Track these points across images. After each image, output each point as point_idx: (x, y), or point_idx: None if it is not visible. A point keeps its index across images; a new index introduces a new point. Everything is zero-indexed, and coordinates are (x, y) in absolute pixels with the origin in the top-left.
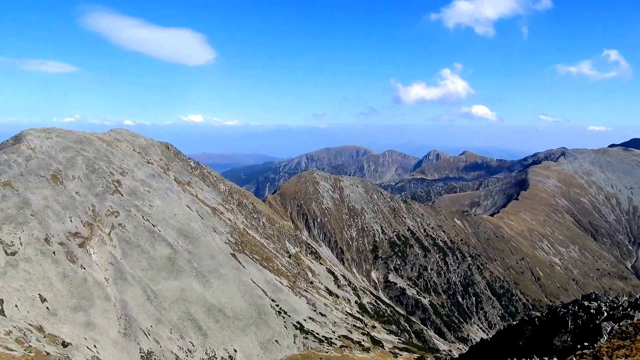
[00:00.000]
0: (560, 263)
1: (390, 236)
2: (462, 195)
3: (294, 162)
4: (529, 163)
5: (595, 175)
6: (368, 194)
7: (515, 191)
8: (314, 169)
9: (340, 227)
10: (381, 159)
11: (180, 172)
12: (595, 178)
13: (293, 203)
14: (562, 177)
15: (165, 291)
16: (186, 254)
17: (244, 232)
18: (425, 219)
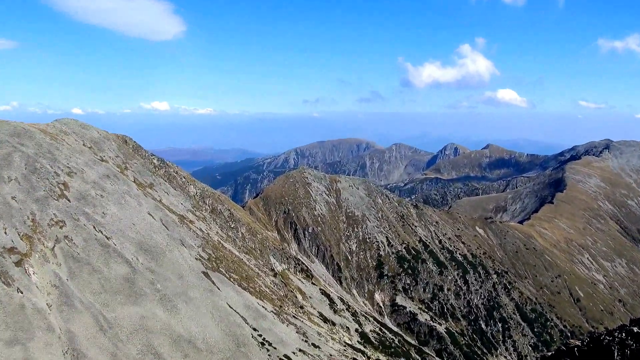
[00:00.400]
0: (604, 280)
1: (398, 249)
2: (485, 198)
3: (280, 159)
4: (566, 159)
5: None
6: (371, 197)
7: (550, 193)
8: (305, 167)
9: (337, 239)
10: (387, 155)
11: (141, 171)
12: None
13: (279, 209)
14: (606, 176)
15: (122, 319)
16: (148, 274)
17: (219, 246)
18: (440, 228)
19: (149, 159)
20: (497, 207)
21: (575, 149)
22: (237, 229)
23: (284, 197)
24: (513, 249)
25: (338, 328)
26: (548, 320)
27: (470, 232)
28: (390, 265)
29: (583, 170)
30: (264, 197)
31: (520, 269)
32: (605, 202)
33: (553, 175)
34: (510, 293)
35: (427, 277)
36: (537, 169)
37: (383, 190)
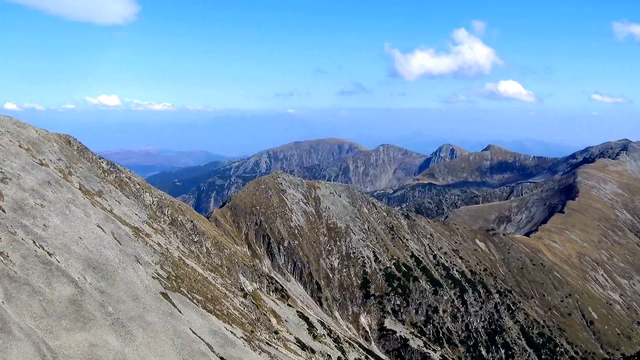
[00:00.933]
0: (621, 300)
1: (387, 265)
2: (486, 207)
3: (250, 162)
4: (579, 161)
5: None
6: (355, 206)
7: (560, 201)
8: (279, 171)
9: (317, 254)
10: (373, 157)
11: (87, 177)
12: None
13: (250, 220)
14: (625, 181)
15: (68, 348)
16: (97, 295)
17: (180, 263)
18: (435, 241)
19: (97, 162)
20: (499, 217)
21: (589, 151)
22: (201, 243)
23: (255, 206)
24: (518, 264)
25: (318, 356)
26: (557, 345)
27: (469, 246)
28: (377, 283)
29: (598, 175)
30: (232, 207)
31: (526, 287)
32: (623, 212)
33: (563, 181)
34: (515, 315)
35: (419, 297)
36: (546, 173)
37: (369, 198)
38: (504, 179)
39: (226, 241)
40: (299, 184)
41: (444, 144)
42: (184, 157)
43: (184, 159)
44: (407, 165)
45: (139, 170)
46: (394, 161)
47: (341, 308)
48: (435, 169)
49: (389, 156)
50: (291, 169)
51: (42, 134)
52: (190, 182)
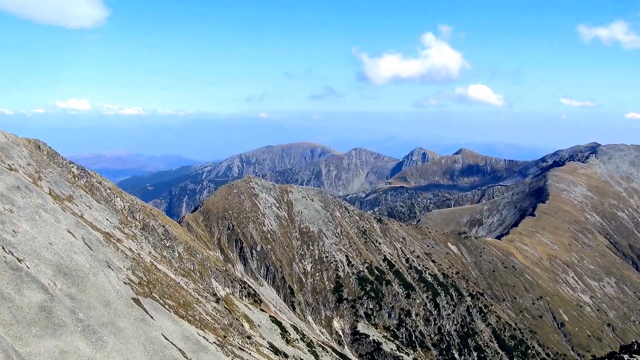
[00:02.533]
0: (591, 302)
1: (360, 269)
2: (458, 210)
3: (222, 166)
4: (549, 165)
5: (638, 181)
6: (328, 210)
7: (531, 204)
8: (252, 175)
9: (290, 258)
10: (346, 161)
11: (57, 182)
12: (638, 184)
13: (222, 225)
14: (594, 184)
15: (39, 355)
16: (68, 301)
17: (152, 268)
18: (407, 245)
19: (67, 167)
20: (471, 221)
21: (559, 154)
22: (173, 248)
23: (227, 210)
24: (490, 267)
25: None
26: (529, 347)
27: (441, 249)
28: (350, 287)
29: (567, 178)
30: (204, 211)
31: (498, 290)
32: (593, 214)
33: (534, 184)
34: (487, 318)
35: (392, 300)
36: (516, 176)
37: (342, 202)
38: (476, 182)
39: (198, 246)
40: (271, 188)
41: (415, 148)
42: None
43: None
44: (380, 169)
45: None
46: (367, 165)
47: (314, 312)
48: (407, 173)
49: (362, 160)
50: (263, 173)
51: (11, 138)
52: (161, 187)
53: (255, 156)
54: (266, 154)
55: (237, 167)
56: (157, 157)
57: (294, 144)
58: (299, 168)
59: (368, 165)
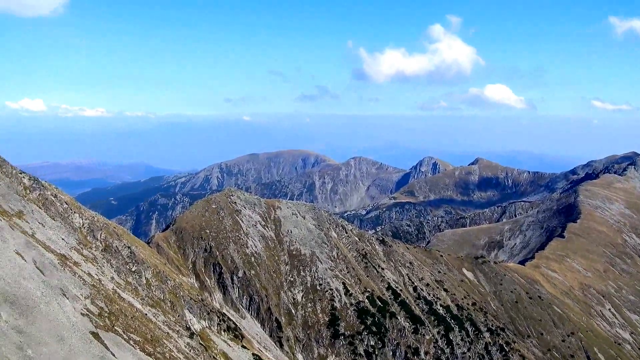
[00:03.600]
0: (631, 339)
1: (359, 299)
2: (474, 230)
3: (198, 177)
4: (580, 177)
5: None
6: (322, 229)
7: (559, 223)
8: (233, 188)
9: (277, 286)
10: (343, 172)
11: (5, 195)
12: None
13: (198, 246)
14: (633, 200)
15: None
16: (14, 335)
17: (115, 297)
18: (415, 271)
19: (18, 177)
20: (490, 243)
21: (591, 165)
22: (140, 273)
23: (204, 229)
24: (512, 298)
25: None
26: None
27: (455, 276)
28: (348, 321)
29: (602, 193)
30: (177, 230)
31: (522, 324)
32: (632, 236)
33: (563, 200)
34: (509, 357)
35: (397, 336)
36: (542, 191)
37: (338, 220)
38: (495, 197)
39: (170, 271)
40: (256, 204)
41: (424, 157)
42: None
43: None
44: (383, 181)
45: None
46: (367, 177)
47: (305, 349)
48: (415, 186)
49: (361, 171)
50: (247, 186)
51: None
52: (128, 201)
53: (237, 166)
54: (250, 164)
55: (216, 178)
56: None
57: (282, 152)
58: (288, 180)
59: (369, 177)
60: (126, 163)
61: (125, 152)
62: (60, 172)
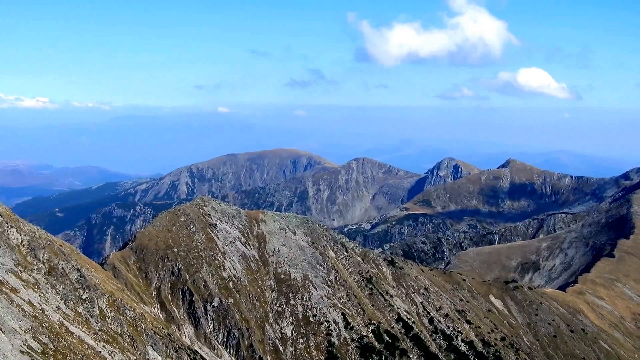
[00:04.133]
0: None
1: (362, 333)
2: (504, 248)
3: (163, 183)
4: (634, 184)
5: None
6: (316, 247)
7: (608, 240)
8: (207, 197)
9: (261, 317)
10: (343, 177)
11: None
12: None
13: (163, 268)
14: None
15: None
16: None
17: (62, 330)
18: (431, 298)
19: None
20: (524, 264)
21: None
22: (92, 301)
23: (170, 248)
24: (549, 331)
25: None
26: None
27: (480, 305)
28: (348, 359)
29: None
30: (138, 248)
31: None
32: None
33: (613, 211)
34: None
35: None
36: (588, 200)
37: (337, 236)
38: (530, 208)
39: (129, 299)
40: (235, 216)
41: (444, 158)
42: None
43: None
44: (392, 188)
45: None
46: (373, 182)
47: None
48: (431, 194)
49: (366, 175)
50: (224, 194)
51: None
52: (76, 213)
53: (211, 169)
54: (227, 166)
55: (185, 184)
56: (70, 170)
57: (267, 152)
58: (274, 186)
59: (375, 182)
60: (73, 166)
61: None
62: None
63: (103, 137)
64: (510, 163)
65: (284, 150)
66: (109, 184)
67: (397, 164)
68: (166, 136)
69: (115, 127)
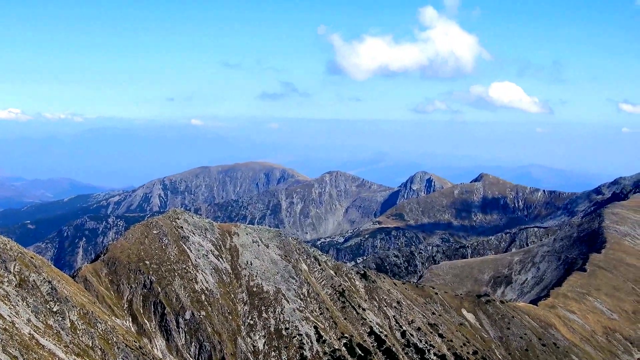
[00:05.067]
0: None
1: (335, 347)
2: (477, 262)
3: (136, 195)
4: (606, 198)
5: None
6: (289, 260)
7: (580, 254)
8: (179, 210)
9: (233, 330)
10: (317, 190)
11: None
12: None
13: (135, 280)
14: None
15: None
16: None
17: (32, 343)
18: (404, 312)
19: None
20: (496, 278)
21: (620, 183)
22: (64, 314)
23: (143, 260)
24: (521, 345)
25: None
26: None
27: (452, 319)
28: None
29: (632, 218)
30: (110, 261)
31: None
32: None
33: (585, 225)
34: None
35: None
36: (560, 214)
37: (310, 250)
38: (502, 222)
39: (100, 312)
40: (207, 229)
41: (417, 172)
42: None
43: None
44: (365, 201)
45: None
46: (346, 196)
47: None
48: (404, 208)
49: (339, 189)
50: (197, 207)
51: None
52: (48, 225)
53: (184, 181)
54: (200, 179)
55: (158, 197)
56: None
57: (240, 165)
58: (248, 199)
59: (348, 196)
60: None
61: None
62: None
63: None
64: (483, 177)
65: (258, 163)
66: (81, 196)
67: (370, 178)
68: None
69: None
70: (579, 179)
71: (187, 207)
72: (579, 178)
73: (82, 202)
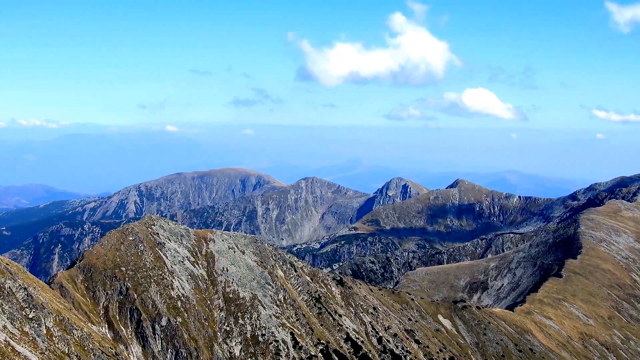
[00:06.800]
0: None
1: (311, 353)
2: (453, 268)
3: (112, 202)
4: (581, 204)
5: None
6: (265, 267)
7: (556, 260)
8: (155, 216)
9: (209, 337)
10: (292, 197)
11: None
12: None
13: (111, 287)
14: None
15: None
16: None
17: (7, 350)
18: (380, 318)
19: None
20: (472, 284)
21: (595, 189)
22: (40, 320)
23: (118, 267)
24: (498, 351)
25: None
26: None
27: (429, 325)
28: None
29: (608, 223)
30: (86, 267)
31: None
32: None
33: (560, 231)
34: None
35: None
36: (536, 220)
37: (286, 256)
38: (478, 227)
39: (76, 318)
40: (183, 235)
41: (392, 178)
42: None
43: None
44: (341, 207)
45: None
46: (322, 202)
47: None
48: (380, 214)
49: (315, 195)
50: (172, 213)
51: None
52: (23, 231)
53: (160, 188)
54: (176, 185)
55: (133, 203)
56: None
57: (215, 171)
58: (223, 206)
59: (324, 202)
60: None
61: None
62: None
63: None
64: (458, 183)
65: (233, 169)
66: (56, 202)
67: (346, 184)
68: (114, 155)
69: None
70: (554, 185)
71: (163, 213)
72: (554, 184)
73: (57, 209)
